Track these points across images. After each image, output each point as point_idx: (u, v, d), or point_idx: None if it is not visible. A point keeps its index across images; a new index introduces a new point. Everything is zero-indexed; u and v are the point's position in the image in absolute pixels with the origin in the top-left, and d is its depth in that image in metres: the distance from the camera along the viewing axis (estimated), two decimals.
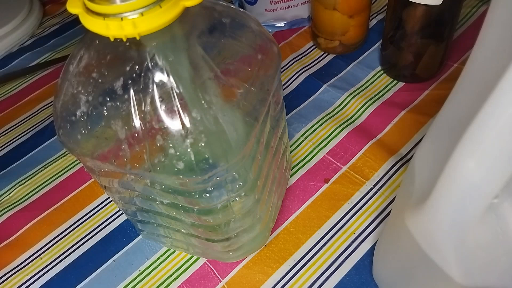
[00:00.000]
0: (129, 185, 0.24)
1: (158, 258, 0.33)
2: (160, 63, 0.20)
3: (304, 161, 0.37)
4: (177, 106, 0.20)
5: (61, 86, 0.22)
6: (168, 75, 0.20)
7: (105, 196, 0.38)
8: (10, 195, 0.39)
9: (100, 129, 0.21)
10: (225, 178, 0.22)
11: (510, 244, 0.18)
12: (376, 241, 0.31)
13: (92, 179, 0.39)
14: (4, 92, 0.50)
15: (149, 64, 0.20)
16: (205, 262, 0.33)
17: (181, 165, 0.20)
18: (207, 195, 0.23)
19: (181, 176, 0.20)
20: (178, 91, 0.20)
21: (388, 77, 0.42)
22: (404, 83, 0.42)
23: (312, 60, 0.46)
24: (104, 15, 0.18)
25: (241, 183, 0.23)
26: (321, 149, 0.38)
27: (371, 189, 0.35)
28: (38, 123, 0.46)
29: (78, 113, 0.21)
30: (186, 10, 0.19)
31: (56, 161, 0.41)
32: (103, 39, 0.19)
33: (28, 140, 0.44)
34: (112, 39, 0.18)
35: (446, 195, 0.17)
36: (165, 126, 0.20)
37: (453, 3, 0.34)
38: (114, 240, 0.35)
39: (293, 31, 0.49)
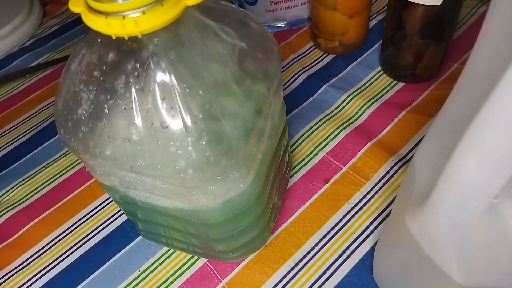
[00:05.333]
0: (130, 184, 0.24)
1: (158, 259, 0.33)
2: (161, 61, 0.20)
3: (304, 161, 0.37)
4: (178, 105, 0.20)
5: (63, 84, 0.22)
6: (169, 74, 0.20)
7: (105, 196, 0.38)
8: (11, 195, 0.39)
9: (101, 127, 0.21)
10: (225, 177, 0.22)
11: (511, 245, 0.18)
12: (377, 242, 0.31)
13: (93, 179, 0.39)
14: (4, 93, 0.50)
15: (151, 63, 0.20)
16: (205, 262, 0.33)
17: (182, 164, 0.20)
18: (208, 194, 0.23)
19: (182, 175, 0.20)
20: (179, 90, 0.20)
21: (388, 77, 0.43)
22: (404, 83, 0.42)
23: (312, 61, 0.46)
24: (106, 14, 0.18)
25: (241, 183, 0.23)
26: (321, 149, 0.38)
27: (371, 189, 0.35)
28: (39, 123, 0.46)
29: (79, 111, 0.21)
30: (188, 9, 0.19)
31: (56, 162, 0.41)
32: (105, 37, 0.19)
33: (29, 141, 0.44)
34: (114, 38, 0.18)
35: (446, 195, 0.17)
36: (167, 125, 0.20)
37: (453, 3, 0.34)
38: (114, 240, 0.35)
39: (293, 32, 0.50)
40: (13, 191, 0.40)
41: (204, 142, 0.20)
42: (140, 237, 0.35)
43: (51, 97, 0.48)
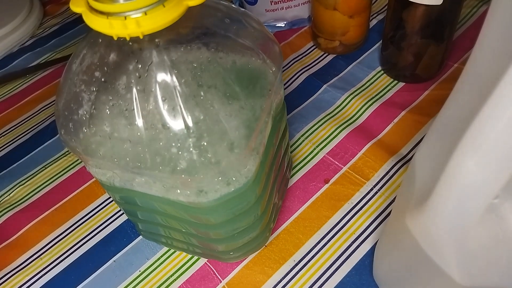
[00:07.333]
0: (130, 185, 0.24)
1: (159, 259, 0.33)
2: (163, 62, 0.20)
3: (304, 161, 0.37)
4: (179, 106, 0.20)
5: (63, 84, 0.22)
6: (171, 75, 0.20)
7: (105, 196, 0.38)
8: (11, 195, 0.39)
9: (102, 128, 0.21)
10: (226, 178, 0.22)
11: (511, 245, 0.18)
12: (377, 242, 0.32)
13: (93, 179, 0.39)
14: (4, 93, 0.50)
15: (152, 63, 0.20)
16: (205, 262, 0.33)
17: (183, 164, 0.20)
18: (208, 194, 0.23)
19: (183, 175, 0.20)
20: (180, 90, 0.20)
21: (388, 77, 0.43)
22: (404, 83, 0.42)
23: (313, 60, 0.46)
24: (107, 14, 0.18)
25: (242, 183, 0.23)
26: (321, 149, 0.38)
27: (371, 189, 0.35)
28: (39, 123, 0.46)
29: (80, 112, 0.21)
30: (189, 10, 0.19)
31: (56, 162, 0.41)
32: (106, 38, 0.19)
33: (29, 141, 0.44)
34: (115, 38, 0.18)
35: (446, 196, 0.17)
36: (168, 125, 0.20)
37: (453, 3, 0.34)
38: (115, 240, 0.35)
39: (293, 31, 0.50)
40: (13, 191, 0.40)
41: (205, 143, 0.20)
42: (140, 237, 0.35)
43: (51, 97, 0.48)
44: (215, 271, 0.32)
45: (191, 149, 0.20)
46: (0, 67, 0.53)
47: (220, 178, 0.22)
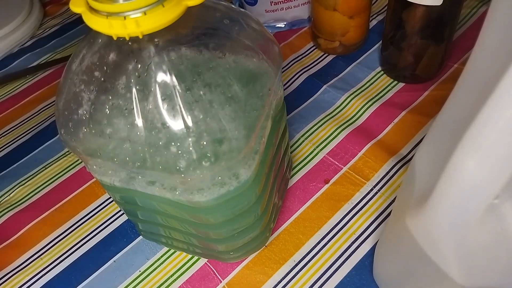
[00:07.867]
0: (130, 184, 0.24)
1: (159, 259, 0.33)
2: (162, 62, 0.20)
3: (304, 162, 0.37)
4: (179, 105, 0.20)
5: (63, 84, 0.22)
6: (170, 74, 0.20)
7: (105, 196, 0.38)
8: (11, 195, 0.39)
9: (102, 127, 0.21)
10: (226, 177, 0.22)
11: (511, 245, 0.18)
12: (377, 242, 0.32)
13: (93, 180, 0.39)
14: (4, 93, 0.50)
15: (152, 63, 0.20)
16: (205, 262, 0.33)
17: (182, 164, 0.20)
18: (208, 194, 0.23)
19: (182, 175, 0.20)
20: (180, 90, 0.20)
21: (388, 78, 0.43)
22: (404, 84, 0.42)
23: (313, 61, 0.46)
24: (107, 14, 0.18)
25: (241, 182, 0.23)
26: (321, 149, 0.38)
27: (372, 189, 0.35)
28: (39, 123, 0.46)
29: (80, 111, 0.21)
30: (189, 10, 0.19)
31: (56, 162, 0.41)
32: (106, 38, 0.19)
33: (29, 141, 0.44)
34: (115, 38, 0.18)
35: (446, 196, 0.17)
36: (167, 125, 0.20)
37: (453, 4, 0.34)
38: (115, 240, 0.35)
39: (293, 32, 0.50)
40: (13, 192, 0.40)
41: (205, 143, 0.20)
42: (140, 237, 0.35)
43: (51, 97, 0.48)
44: (215, 271, 0.32)
45: (190, 148, 0.20)
46: (0, 68, 0.53)
47: (219, 178, 0.22)
